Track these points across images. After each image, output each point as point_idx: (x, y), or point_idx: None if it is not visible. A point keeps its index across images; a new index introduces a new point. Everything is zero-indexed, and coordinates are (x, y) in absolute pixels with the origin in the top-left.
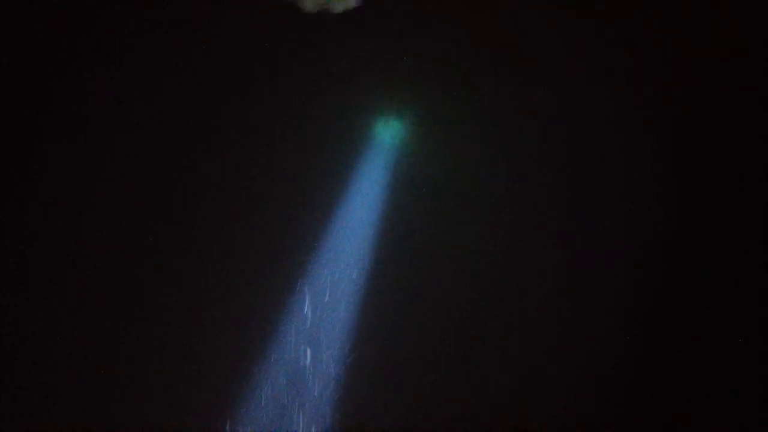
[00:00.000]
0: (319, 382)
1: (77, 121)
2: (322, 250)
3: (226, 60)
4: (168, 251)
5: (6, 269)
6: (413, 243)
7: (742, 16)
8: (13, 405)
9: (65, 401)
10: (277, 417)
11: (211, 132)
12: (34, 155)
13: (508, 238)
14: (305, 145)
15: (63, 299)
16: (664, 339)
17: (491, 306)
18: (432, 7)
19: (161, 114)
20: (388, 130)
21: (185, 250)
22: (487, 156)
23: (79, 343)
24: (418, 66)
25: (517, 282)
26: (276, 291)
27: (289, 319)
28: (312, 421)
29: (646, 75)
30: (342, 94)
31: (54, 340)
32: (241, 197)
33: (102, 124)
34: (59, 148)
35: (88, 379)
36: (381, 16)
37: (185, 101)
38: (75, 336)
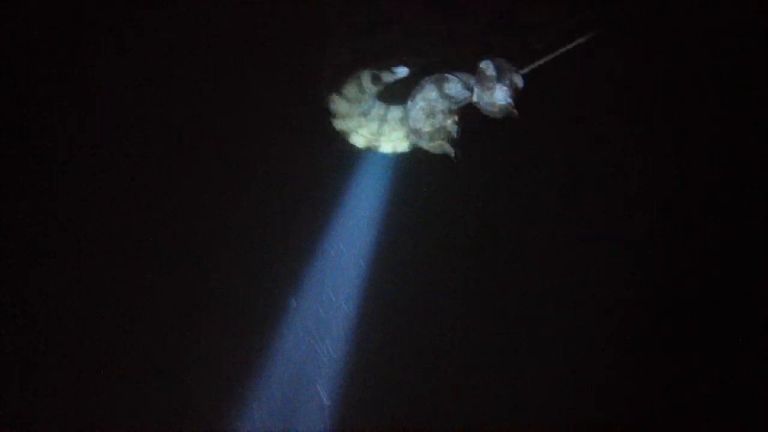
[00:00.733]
0: (320, 382)
1: (77, 121)
2: (322, 249)
3: (224, 59)
4: (168, 251)
5: (7, 269)
6: (415, 242)
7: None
8: (13, 405)
9: (65, 401)
10: (278, 417)
11: (211, 132)
12: (34, 154)
13: (510, 237)
14: (305, 144)
15: (63, 299)
16: (663, 339)
17: (492, 306)
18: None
19: (159, 113)
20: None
21: (185, 250)
22: (489, 154)
23: (78, 343)
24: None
25: (519, 282)
26: (276, 291)
27: (289, 319)
28: (312, 421)
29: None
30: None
31: (54, 340)
32: (242, 196)
33: (101, 123)
34: (59, 147)
35: (87, 380)
36: (382, 15)
37: (184, 101)
38: (74, 336)
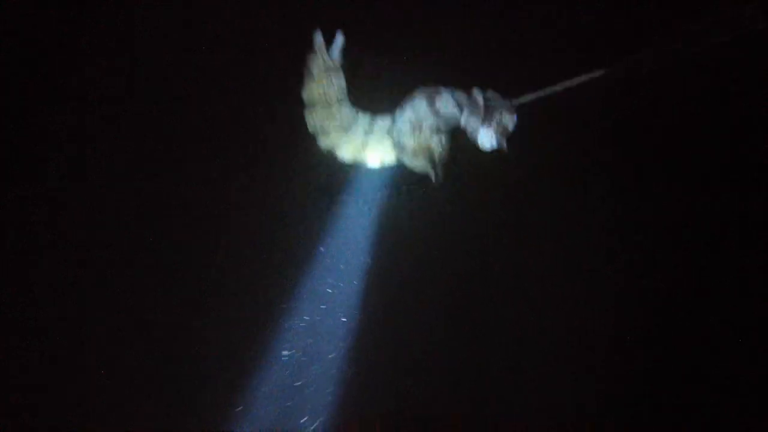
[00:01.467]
0: (320, 382)
1: (77, 121)
2: (322, 249)
3: (224, 60)
4: (168, 251)
5: (7, 269)
6: (414, 243)
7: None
8: (14, 405)
9: (64, 401)
10: (278, 417)
11: (211, 132)
12: (35, 154)
13: (509, 237)
14: (305, 146)
15: (62, 299)
16: (664, 339)
17: (492, 305)
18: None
19: (158, 114)
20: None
21: (185, 250)
22: (489, 155)
23: (77, 344)
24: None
25: (519, 282)
26: (276, 291)
27: (290, 319)
28: (312, 422)
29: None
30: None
31: (54, 340)
32: (241, 198)
33: (100, 124)
34: (59, 147)
35: (87, 380)
36: (383, 15)
37: (184, 101)
38: (73, 336)
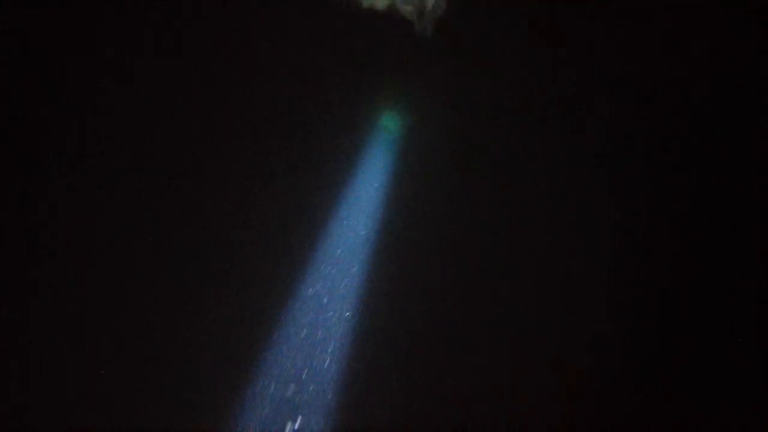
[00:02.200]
0: (320, 382)
1: (79, 121)
2: (322, 248)
3: (226, 57)
4: (168, 251)
5: (9, 269)
6: (414, 240)
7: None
8: (14, 406)
9: (64, 401)
10: (278, 417)
11: (210, 130)
12: (37, 155)
13: (510, 235)
14: (305, 143)
15: (62, 299)
16: (663, 339)
17: (492, 305)
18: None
19: (162, 113)
20: (390, 124)
21: (185, 250)
22: (490, 151)
23: (77, 344)
24: (421, 60)
25: (519, 280)
26: (276, 291)
27: (290, 319)
28: (312, 422)
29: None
30: (344, 89)
31: (54, 340)
32: (242, 196)
33: (105, 124)
34: (61, 148)
35: (87, 380)
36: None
37: (186, 100)
38: (73, 336)
